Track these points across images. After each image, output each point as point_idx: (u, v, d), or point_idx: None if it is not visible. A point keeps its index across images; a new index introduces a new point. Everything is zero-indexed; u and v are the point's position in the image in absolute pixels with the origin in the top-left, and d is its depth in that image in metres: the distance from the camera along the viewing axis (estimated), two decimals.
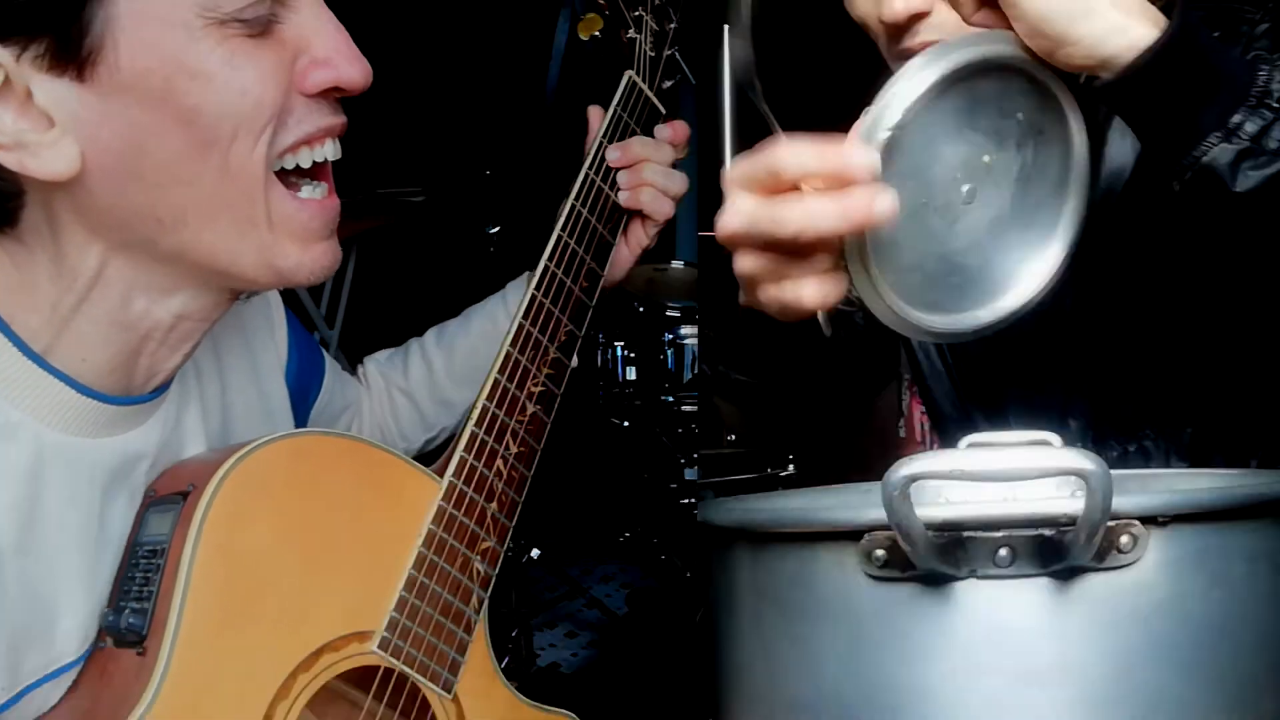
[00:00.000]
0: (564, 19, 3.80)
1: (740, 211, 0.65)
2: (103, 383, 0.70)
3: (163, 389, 0.76)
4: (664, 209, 1.03)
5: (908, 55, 0.78)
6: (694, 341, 2.83)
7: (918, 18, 0.79)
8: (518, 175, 3.33)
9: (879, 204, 0.62)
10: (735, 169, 0.67)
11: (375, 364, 1.13)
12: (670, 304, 2.82)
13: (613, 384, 2.91)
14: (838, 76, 1.09)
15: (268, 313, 0.93)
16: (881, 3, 0.80)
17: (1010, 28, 0.66)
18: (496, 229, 3.09)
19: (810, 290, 0.68)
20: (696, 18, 1.14)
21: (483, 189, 3.25)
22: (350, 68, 0.68)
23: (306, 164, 0.69)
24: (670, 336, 2.83)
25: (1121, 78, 0.64)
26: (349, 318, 3.00)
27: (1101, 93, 0.66)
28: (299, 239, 0.70)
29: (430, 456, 0.92)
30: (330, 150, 0.71)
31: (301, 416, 0.97)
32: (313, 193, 0.71)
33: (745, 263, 0.68)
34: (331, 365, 1.05)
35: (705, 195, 0.92)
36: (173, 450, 0.78)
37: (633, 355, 2.90)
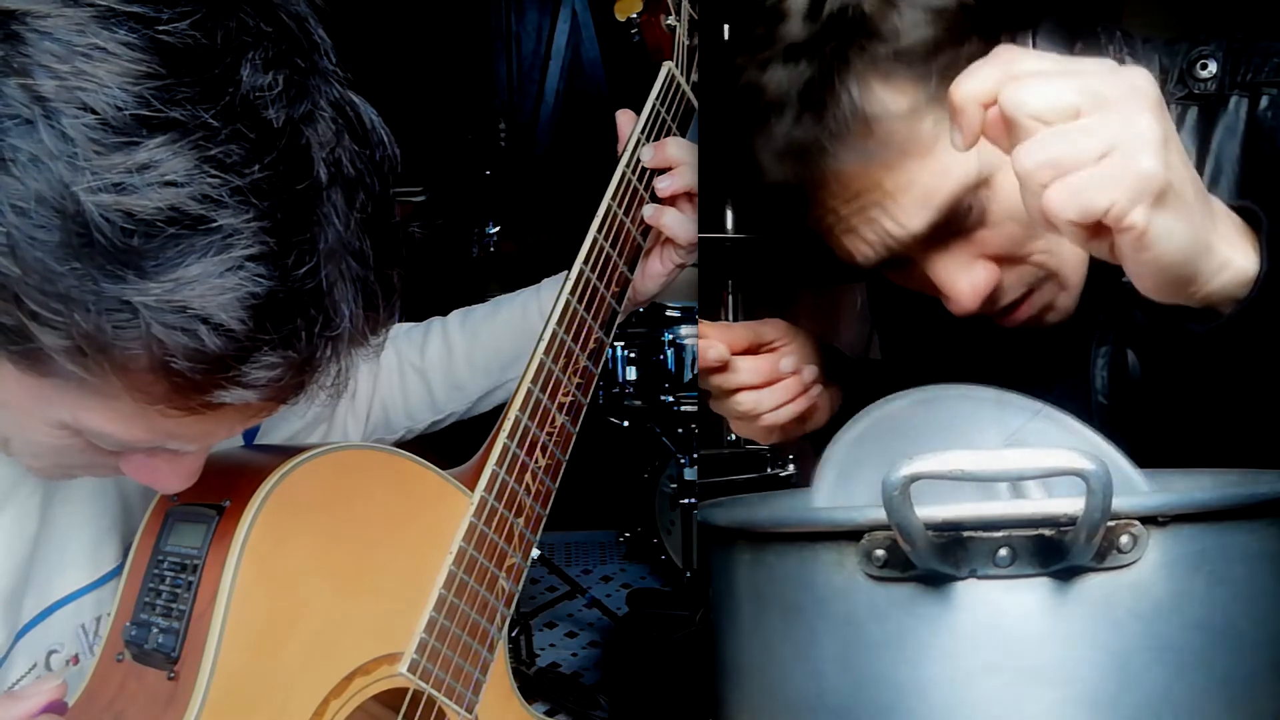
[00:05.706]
0: (564, 19, 3.80)
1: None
2: None
3: None
4: (686, 233, 0.94)
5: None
6: (694, 341, 2.83)
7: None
8: (518, 175, 3.33)
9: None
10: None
11: (390, 336, 1.07)
12: (670, 304, 2.81)
13: (613, 384, 2.91)
14: None
15: None
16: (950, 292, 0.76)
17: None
18: (496, 229, 3.09)
19: (742, 428, 0.89)
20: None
21: (483, 189, 3.25)
22: (167, 484, 0.66)
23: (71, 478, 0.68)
24: (670, 336, 2.83)
25: (1237, 314, 0.60)
26: None
27: (1208, 337, 0.62)
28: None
29: (445, 449, 0.89)
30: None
31: None
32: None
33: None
34: None
35: (705, 196, 0.91)
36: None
37: (633, 355, 2.89)
